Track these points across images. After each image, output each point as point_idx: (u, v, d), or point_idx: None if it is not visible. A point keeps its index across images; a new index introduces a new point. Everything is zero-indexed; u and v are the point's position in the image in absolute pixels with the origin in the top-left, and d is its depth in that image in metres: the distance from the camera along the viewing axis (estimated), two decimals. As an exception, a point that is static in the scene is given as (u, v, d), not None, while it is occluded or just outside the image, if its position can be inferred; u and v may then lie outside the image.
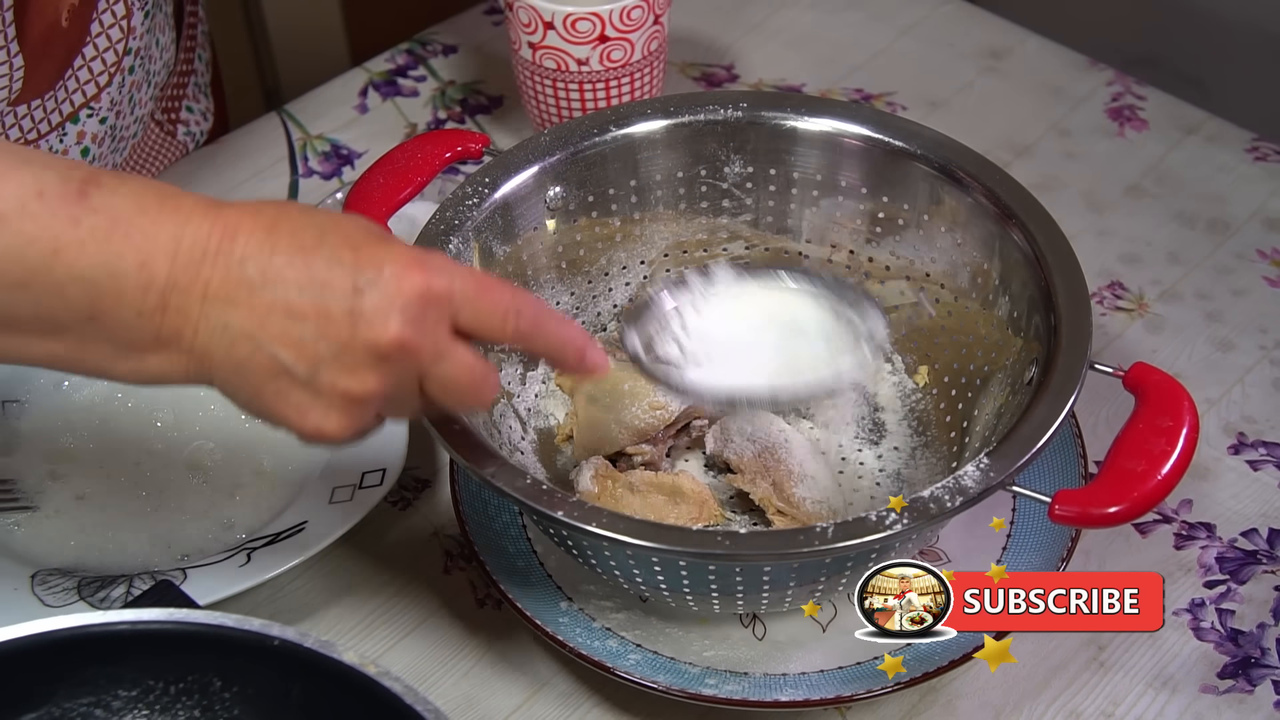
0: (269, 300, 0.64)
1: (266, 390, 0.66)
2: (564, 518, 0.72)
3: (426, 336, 0.66)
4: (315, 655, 0.68)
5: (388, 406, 0.69)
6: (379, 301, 0.65)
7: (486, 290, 0.68)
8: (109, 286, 0.64)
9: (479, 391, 0.69)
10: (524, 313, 0.69)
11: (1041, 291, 0.84)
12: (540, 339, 0.71)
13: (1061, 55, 1.26)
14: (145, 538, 0.88)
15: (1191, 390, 0.97)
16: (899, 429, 0.93)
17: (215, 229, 0.65)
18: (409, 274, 0.65)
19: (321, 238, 0.65)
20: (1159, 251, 1.09)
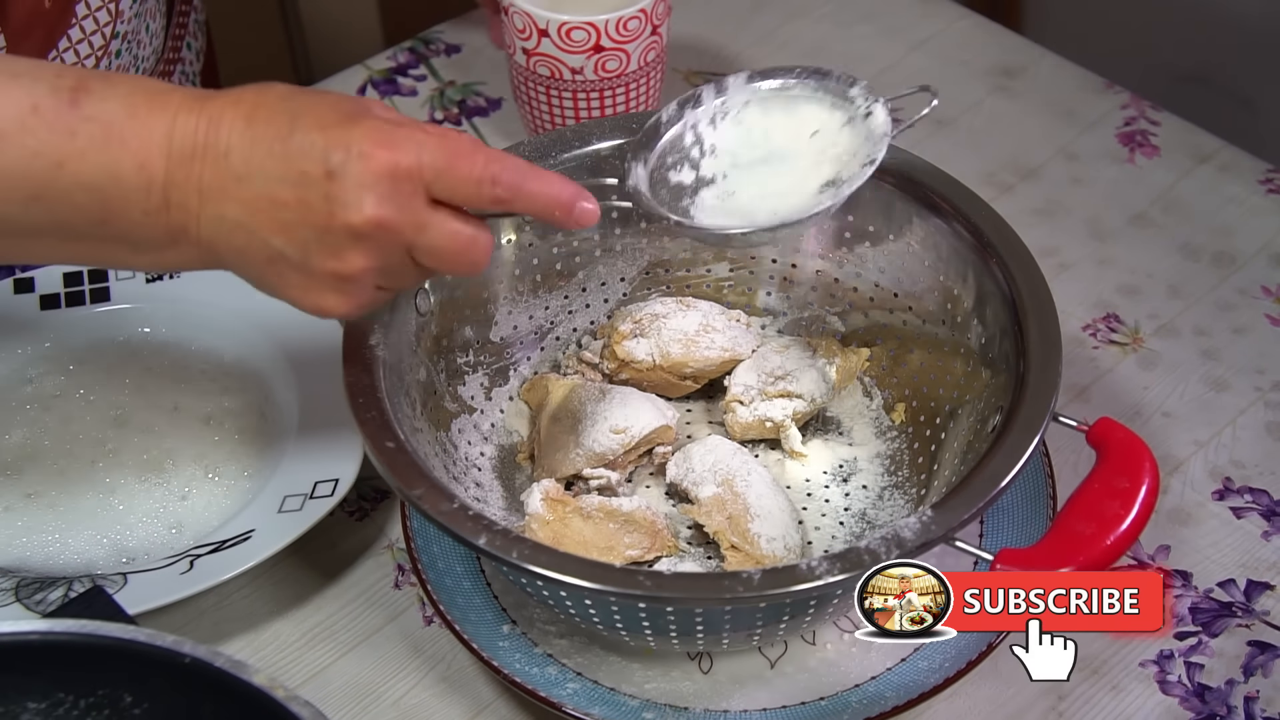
0: (255, 191, 0.68)
1: (268, 274, 0.70)
2: (485, 546, 0.70)
3: (403, 211, 0.68)
4: (225, 675, 0.66)
5: (385, 279, 0.71)
6: (350, 184, 0.67)
7: (457, 159, 0.69)
8: (114, 191, 0.68)
9: (470, 255, 0.70)
10: (500, 179, 0.69)
11: (1014, 331, 0.81)
12: (520, 202, 0.71)
13: (1077, 76, 1.23)
14: (92, 539, 0.87)
15: (1180, 431, 0.96)
16: (869, 467, 0.90)
17: (201, 122, 0.68)
18: (376, 153, 0.67)
19: (294, 122, 0.68)
20: (1159, 284, 1.06)
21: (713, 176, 0.80)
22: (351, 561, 0.90)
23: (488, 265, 0.72)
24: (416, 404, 0.82)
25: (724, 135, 0.80)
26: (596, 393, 0.89)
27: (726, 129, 0.80)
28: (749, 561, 0.82)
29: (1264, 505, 0.92)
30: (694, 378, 0.92)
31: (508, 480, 0.89)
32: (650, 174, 0.79)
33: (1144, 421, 0.97)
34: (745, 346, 0.92)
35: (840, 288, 0.93)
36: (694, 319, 0.92)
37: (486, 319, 0.91)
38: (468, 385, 0.90)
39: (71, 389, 0.94)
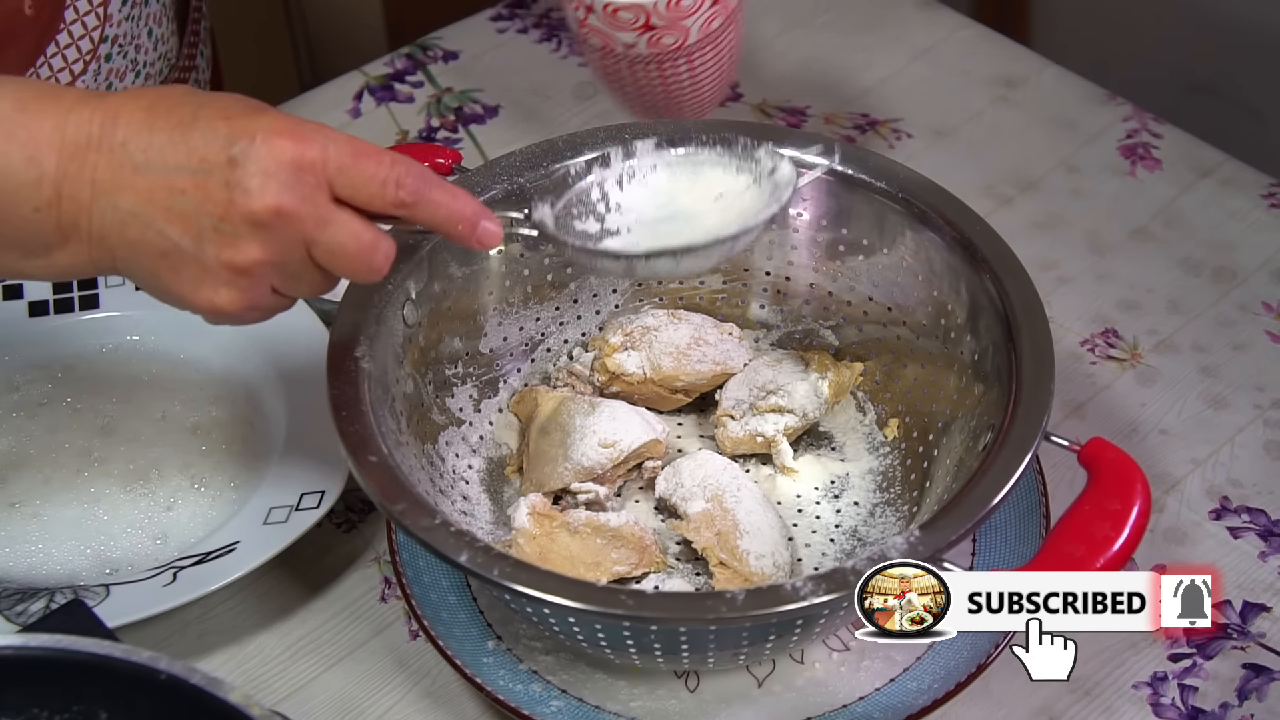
0: (151, 179, 0.66)
1: (161, 268, 0.68)
2: (466, 563, 0.69)
3: (305, 203, 0.67)
4: (200, 693, 0.65)
5: (281, 279, 0.69)
6: (252, 170, 0.66)
7: (362, 158, 0.68)
8: (2, 185, 0.66)
9: (369, 259, 0.69)
10: (404, 183, 0.68)
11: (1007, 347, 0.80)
12: (423, 210, 0.70)
13: (1079, 87, 1.22)
14: (75, 550, 0.86)
15: (1177, 449, 0.95)
16: (862, 483, 0.89)
17: (96, 115, 0.67)
18: (280, 140, 0.66)
19: (197, 112, 0.67)
20: (1159, 299, 1.05)
21: (617, 229, 0.79)
22: (338, 574, 0.89)
23: (387, 273, 0.70)
24: (401, 417, 0.81)
25: (630, 196, 0.80)
26: (585, 406, 0.88)
27: (632, 190, 0.80)
28: (737, 579, 0.81)
29: (1261, 525, 0.91)
30: (685, 391, 0.92)
31: (496, 493, 0.89)
32: (555, 219, 0.78)
33: (1141, 439, 0.96)
34: (737, 360, 0.91)
35: (834, 301, 0.92)
36: (686, 332, 0.91)
37: (476, 330, 0.90)
38: (456, 397, 0.89)
39: (59, 397, 0.93)
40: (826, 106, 1.20)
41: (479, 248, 0.72)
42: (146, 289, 0.70)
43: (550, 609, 0.70)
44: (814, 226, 0.91)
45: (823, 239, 0.91)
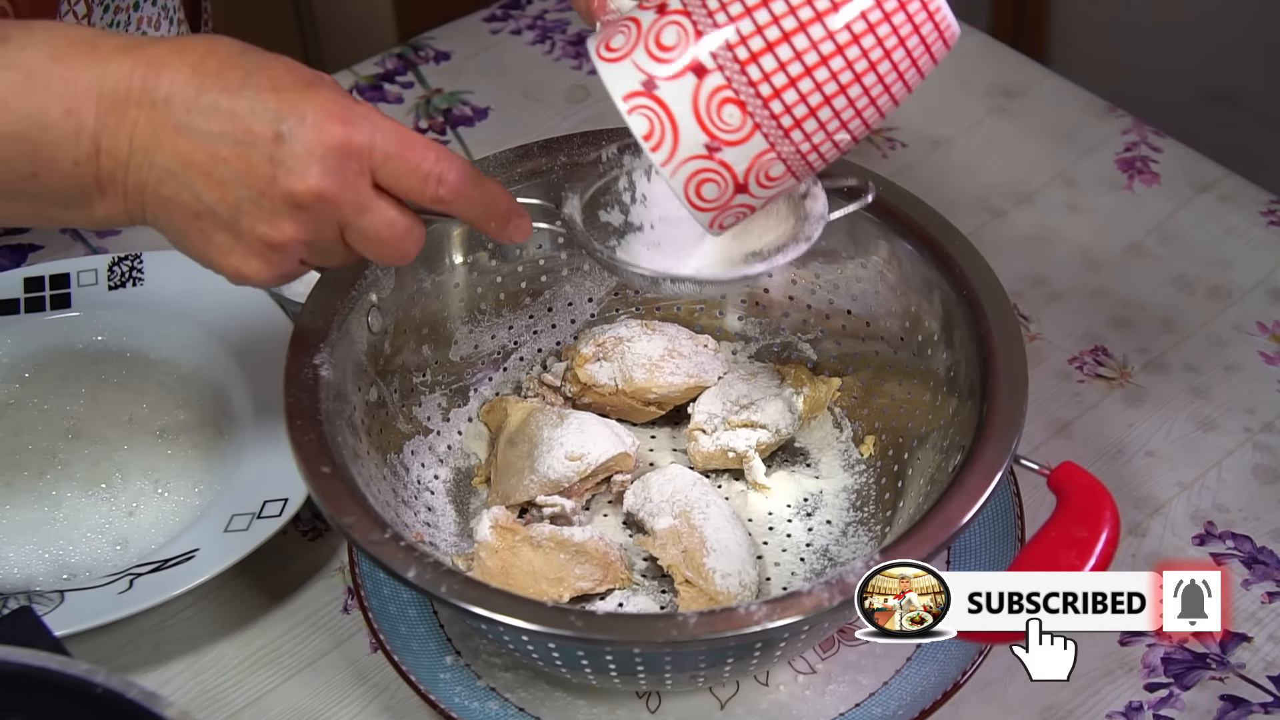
0: (193, 142, 0.65)
1: (191, 229, 0.67)
2: (414, 579, 0.68)
3: (346, 189, 0.66)
4: (137, 707, 0.64)
5: (311, 254, 0.69)
6: (298, 150, 0.65)
7: (409, 150, 0.67)
8: (41, 139, 0.65)
9: (400, 246, 0.69)
10: (446, 179, 0.68)
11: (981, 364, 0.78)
12: (462, 205, 0.69)
13: (1079, 98, 1.19)
14: (33, 554, 0.85)
15: (1163, 472, 0.93)
16: (835, 501, 0.87)
17: (138, 68, 0.65)
18: (330, 124, 0.65)
19: (246, 79, 0.65)
20: (1152, 317, 1.03)
21: (640, 224, 0.78)
22: (301, 583, 0.88)
23: (415, 257, 0.70)
24: (359, 427, 0.80)
25: (656, 187, 0.78)
26: (554, 418, 0.86)
27: (660, 181, 0.77)
28: (702, 597, 0.79)
29: (1246, 552, 0.89)
30: (658, 404, 0.90)
31: (462, 504, 0.87)
32: (583, 210, 0.77)
33: (1126, 460, 0.94)
34: (711, 373, 0.89)
35: (812, 314, 0.91)
36: (659, 343, 0.89)
37: (445, 338, 0.88)
38: (424, 406, 0.87)
39: (26, 397, 0.92)
40: (820, 114, 1.18)
41: (507, 242, 0.72)
42: (174, 244, 0.69)
43: (498, 628, 0.68)
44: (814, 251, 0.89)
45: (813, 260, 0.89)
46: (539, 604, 0.68)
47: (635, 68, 0.67)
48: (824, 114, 0.68)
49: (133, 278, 0.98)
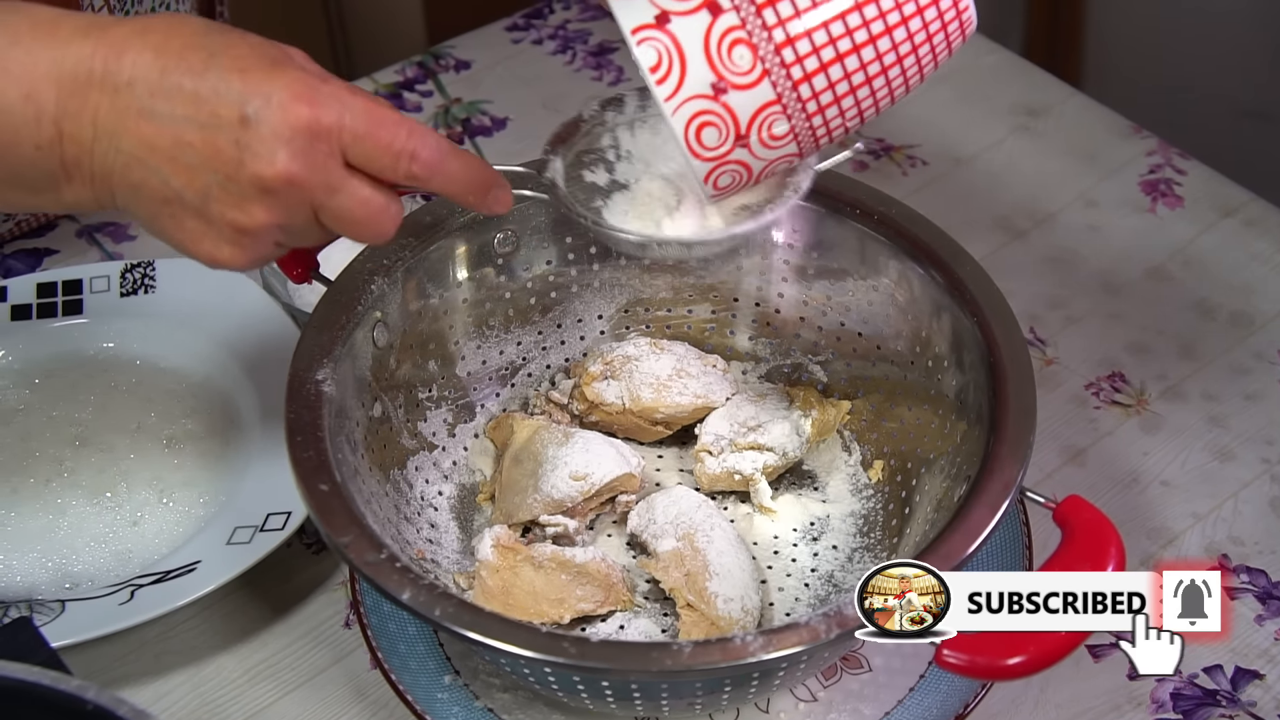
0: (157, 126, 0.63)
1: (162, 214, 0.66)
2: (408, 601, 0.67)
3: (316, 171, 0.64)
4: (127, 727, 0.64)
5: (285, 237, 0.68)
6: (264, 134, 0.63)
7: (379, 127, 0.65)
8: (2, 123, 0.63)
9: (377, 225, 0.67)
10: (419, 156, 0.66)
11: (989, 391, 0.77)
12: (438, 180, 0.68)
13: (1103, 118, 1.18)
14: (36, 562, 0.85)
15: (1178, 502, 0.91)
16: (842, 526, 0.86)
17: (99, 50, 0.64)
18: (296, 106, 0.64)
19: (210, 59, 0.64)
20: (1171, 343, 1.01)
21: (625, 182, 0.77)
22: (304, 596, 0.87)
23: (394, 235, 0.69)
24: (361, 444, 0.79)
25: (641, 142, 0.77)
26: (560, 436, 0.86)
27: (644, 137, 0.77)
28: (703, 622, 0.79)
29: (1261, 587, 0.87)
30: (665, 423, 0.89)
31: (465, 522, 0.87)
32: (566, 172, 0.76)
33: (1140, 490, 0.92)
34: (719, 394, 0.89)
35: (823, 335, 0.90)
36: (668, 363, 0.89)
37: (452, 354, 0.88)
38: (429, 421, 0.87)
39: (35, 404, 0.92)
40: (841, 130, 1.17)
41: (490, 213, 0.71)
42: (147, 230, 0.68)
43: (492, 653, 0.68)
44: (804, 256, 0.88)
45: (812, 270, 0.88)
46: (533, 630, 0.68)
47: (649, 1, 0.66)
48: (835, 73, 0.66)
49: (145, 285, 0.98)
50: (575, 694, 0.73)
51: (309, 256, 0.83)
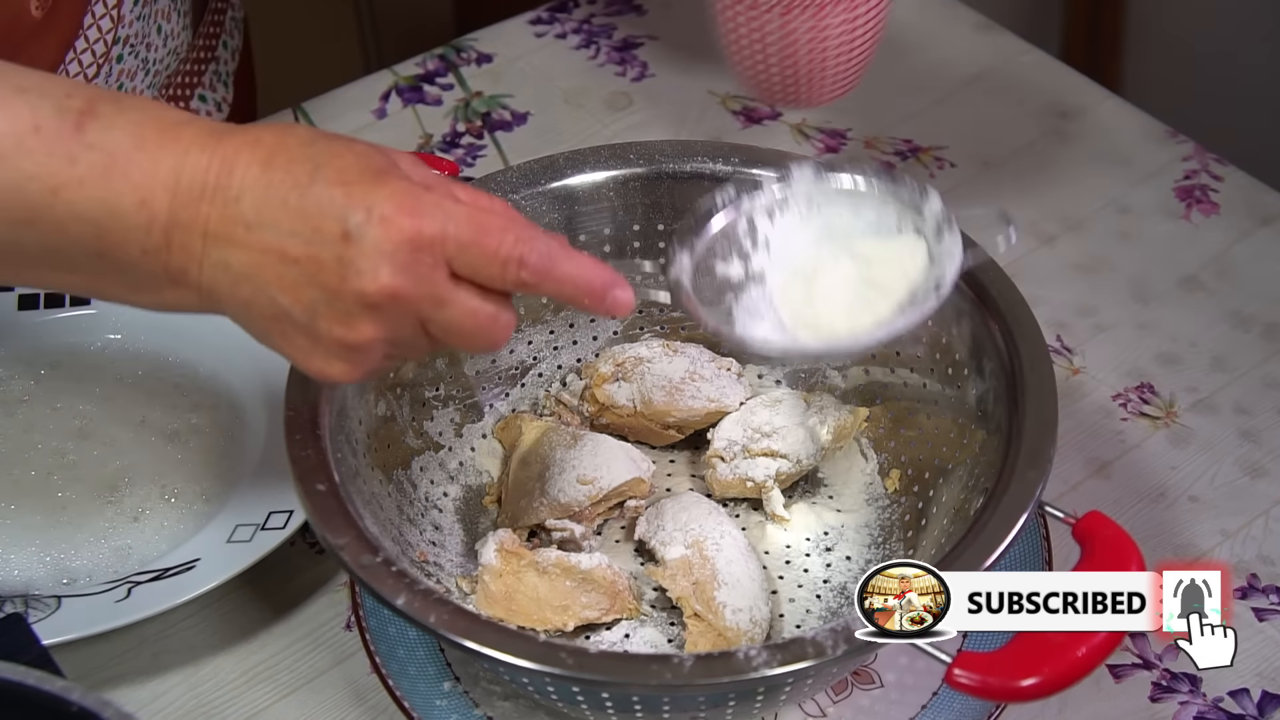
0: (264, 241, 0.62)
1: (272, 331, 0.65)
2: (402, 606, 0.65)
3: (421, 284, 0.63)
4: (111, 730, 0.62)
5: (394, 349, 0.66)
6: (367, 249, 0.62)
7: (484, 236, 0.63)
8: (111, 225, 0.63)
9: (487, 336, 0.66)
10: (527, 262, 0.64)
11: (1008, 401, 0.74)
12: (549, 286, 0.66)
13: (1139, 122, 1.15)
14: (34, 557, 0.83)
15: (1207, 519, 0.89)
16: (856, 537, 0.84)
17: (214, 162, 0.63)
18: (398, 219, 0.62)
19: (315, 173, 0.63)
20: (1203, 354, 0.98)
21: (762, 272, 0.73)
22: (306, 597, 0.86)
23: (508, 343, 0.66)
24: (360, 444, 0.77)
25: (780, 231, 0.73)
26: (568, 439, 0.84)
27: (785, 224, 0.73)
28: (710, 632, 0.77)
29: (1290, 608, 0.85)
30: (677, 427, 0.87)
31: (471, 524, 0.85)
32: (696, 263, 0.72)
33: (1167, 505, 0.90)
34: (733, 398, 0.86)
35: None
36: (681, 365, 0.86)
37: (460, 352, 0.86)
38: (435, 420, 0.85)
39: (39, 395, 0.91)
40: (868, 130, 1.14)
41: (610, 316, 0.68)
42: (262, 342, 0.67)
43: (488, 662, 0.66)
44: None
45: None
46: (531, 639, 0.66)
47: None
48: None
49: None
50: (575, 706, 0.71)
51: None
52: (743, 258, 0.73)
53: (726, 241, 0.73)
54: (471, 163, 1.12)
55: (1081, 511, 0.69)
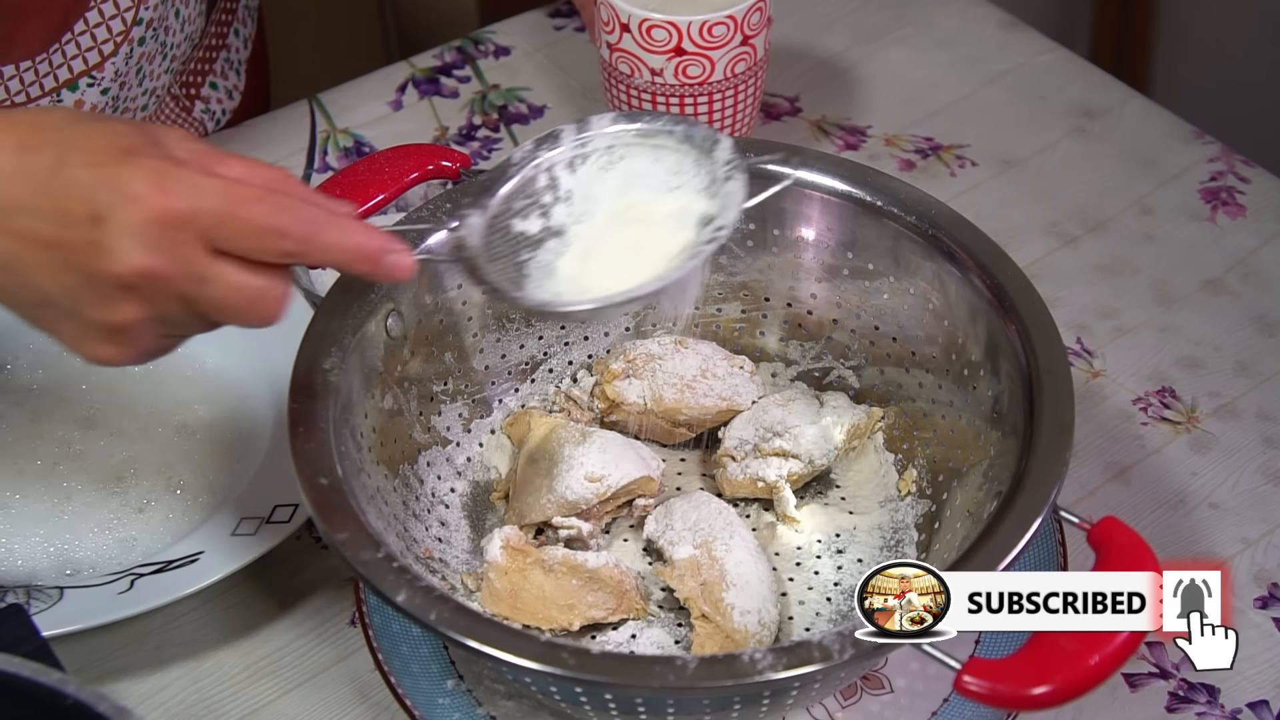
0: (19, 227, 0.62)
1: (39, 317, 0.64)
2: (403, 603, 0.64)
3: (178, 262, 0.62)
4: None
5: (167, 329, 0.65)
6: (115, 230, 0.61)
7: (239, 208, 0.62)
8: None
9: (259, 311, 0.64)
10: (288, 231, 0.62)
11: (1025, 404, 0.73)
12: (317, 254, 0.64)
13: (1164, 122, 1.13)
14: (38, 547, 0.83)
15: (1227, 526, 0.87)
16: (869, 539, 0.82)
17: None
18: (146, 197, 0.61)
19: (66, 155, 0.62)
20: (1226, 359, 0.97)
21: (561, 227, 0.72)
22: (311, 591, 0.85)
23: (284, 317, 0.65)
24: (365, 437, 0.76)
25: (581, 181, 0.72)
26: (577, 435, 0.82)
27: (586, 175, 0.72)
28: (718, 634, 0.75)
29: (1311, 618, 0.83)
30: (688, 426, 0.86)
31: (478, 520, 0.84)
32: (490, 221, 0.71)
33: (1187, 512, 0.88)
34: (745, 397, 0.85)
35: (857, 339, 0.86)
36: (693, 362, 0.85)
37: (470, 346, 0.85)
38: (443, 415, 0.84)
39: (48, 384, 0.90)
40: (888, 127, 1.13)
41: (389, 281, 0.66)
42: (35, 328, 0.66)
43: (489, 661, 0.65)
44: (837, 255, 0.84)
45: (845, 270, 0.85)
46: (532, 638, 0.64)
47: None
48: None
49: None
50: (579, 707, 0.69)
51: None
52: (543, 214, 0.72)
53: (525, 197, 0.72)
54: (487, 155, 1.11)
55: (1099, 517, 0.68)
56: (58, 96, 0.96)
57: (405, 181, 0.84)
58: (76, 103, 0.97)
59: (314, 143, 1.12)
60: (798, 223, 0.84)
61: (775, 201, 0.84)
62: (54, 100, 0.96)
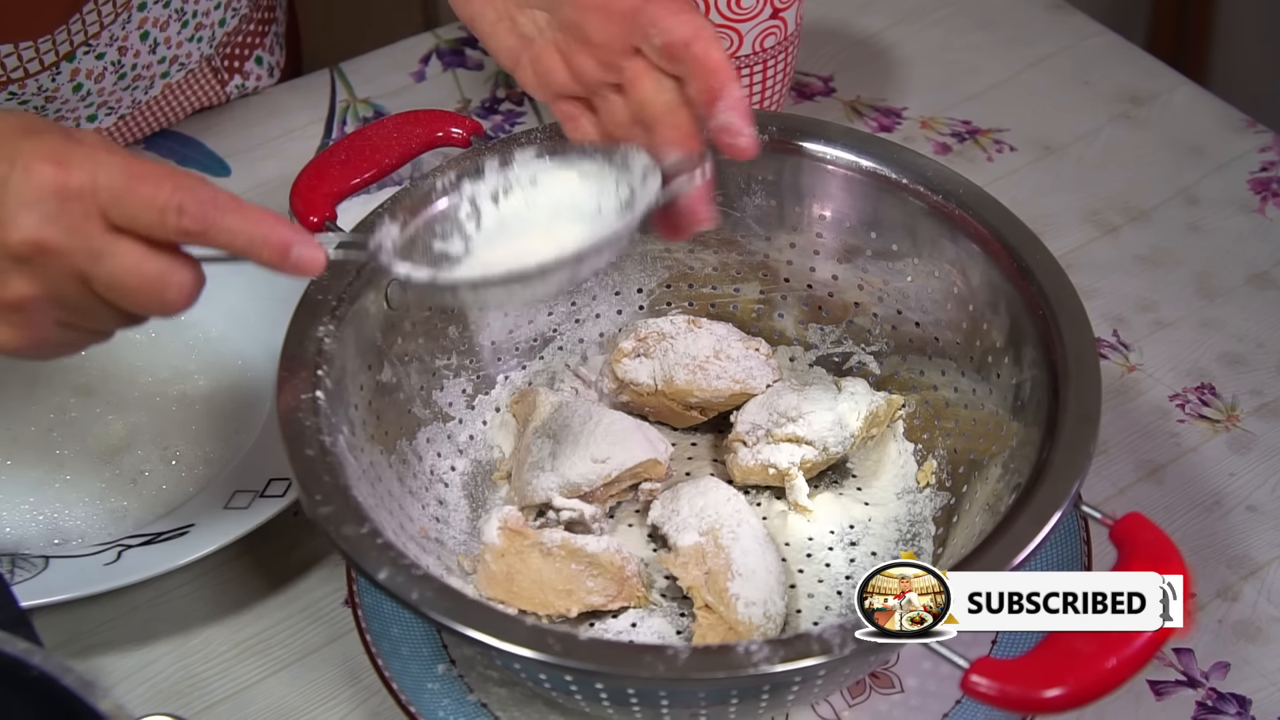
0: None
1: None
2: (384, 581, 0.61)
3: (73, 235, 0.59)
4: (69, 694, 0.59)
5: (64, 314, 0.62)
6: (11, 200, 0.59)
7: (139, 183, 0.60)
8: None
9: (158, 295, 0.61)
10: (187, 209, 0.60)
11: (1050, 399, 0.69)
12: (216, 237, 0.61)
13: (1214, 110, 1.09)
14: (28, 514, 0.81)
15: (1265, 530, 0.83)
16: (884, 532, 0.79)
17: None
18: (42, 167, 0.59)
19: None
20: (1270, 356, 0.92)
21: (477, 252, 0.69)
22: (305, 569, 0.82)
23: (188, 308, 0.62)
24: (360, 410, 0.73)
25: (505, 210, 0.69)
26: (583, 414, 0.79)
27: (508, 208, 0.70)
28: (721, 625, 0.72)
29: (1351, 629, 0.79)
30: (700, 408, 0.82)
31: (478, 500, 0.81)
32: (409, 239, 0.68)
33: (1223, 514, 0.84)
34: (759, 380, 0.82)
35: (878, 323, 0.82)
36: (707, 343, 0.82)
37: (476, 320, 0.82)
38: (445, 391, 0.81)
39: (46, 349, 0.88)
40: (925, 110, 1.09)
41: (297, 274, 0.63)
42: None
43: (475, 645, 0.62)
44: (859, 235, 0.81)
45: (868, 250, 0.81)
46: (518, 622, 0.61)
47: None
48: None
49: None
50: (570, 696, 0.66)
51: (326, 204, 0.78)
52: (464, 237, 0.69)
53: (447, 222, 0.69)
54: (509, 128, 1.08)
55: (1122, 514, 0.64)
56: (56, 69, 0.94)
57: (415, 147, 0.81)
58: (72, 71, 0.95)
59: (333, 112, 1.09)
60: (818, 200, 0.81)
61: (794, 177, 0.81)
62: (51, 72, 0.94)
